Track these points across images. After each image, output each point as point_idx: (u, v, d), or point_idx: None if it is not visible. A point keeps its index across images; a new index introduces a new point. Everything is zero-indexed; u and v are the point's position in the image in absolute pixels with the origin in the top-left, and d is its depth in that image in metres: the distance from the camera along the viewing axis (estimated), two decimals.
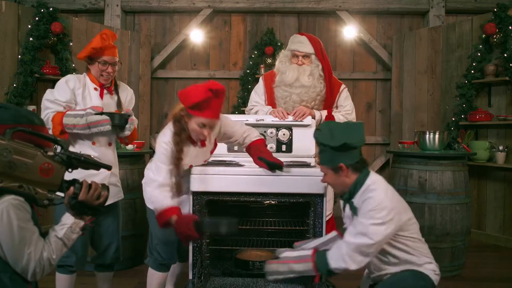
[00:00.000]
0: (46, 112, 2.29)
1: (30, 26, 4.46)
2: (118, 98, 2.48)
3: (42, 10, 4.49)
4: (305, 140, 2.68)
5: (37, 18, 4.47)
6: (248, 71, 5.42)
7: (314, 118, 2.78)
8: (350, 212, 1.96)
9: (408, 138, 5.12)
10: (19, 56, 4.41)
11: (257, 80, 3.16)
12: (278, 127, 2.69)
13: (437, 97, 5.13)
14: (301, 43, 2.83)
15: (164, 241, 2.33)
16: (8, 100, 4.28)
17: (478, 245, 4.39)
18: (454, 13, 5.52)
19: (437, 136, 3.56)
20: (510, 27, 4.29)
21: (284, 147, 2.68)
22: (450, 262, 3.36)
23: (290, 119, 2.71)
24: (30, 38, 4.41)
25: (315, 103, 2.85)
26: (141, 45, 5.51)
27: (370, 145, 5.69)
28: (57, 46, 4.65)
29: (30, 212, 1.42)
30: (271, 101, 2.93)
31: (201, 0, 5.55)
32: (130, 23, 5.79)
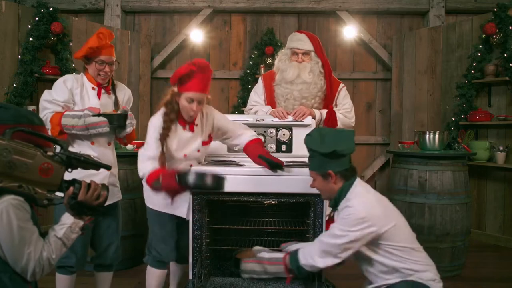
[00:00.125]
0: (44, 112, 2.29)
1: (30, 26, 4.46)
2: (115, 98, 2.47)
3: (42, 10, 4.50)
4: None
5: (37, 18, 4.47)
6: (248, 71, 5.42)
7: (314, 118, 2.79)
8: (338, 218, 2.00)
9: (408, 138, 5.11)
10: (19, 56, 4.41)
11: (257, 80, 3.16)
12: (278, 127, 2.69)
13: (437, 97, 5.13)
14: (300, 41, 2.84)
15: (161, 238, 2.37)
16: (8, 100, 4.28)
17: (478, 245, 4.39)
18: (454, 13, 5.51)
19: (437, 136, 3.57)
20: (510, 27, 4.29)
21: (284, 147, 2.68)
22: (450, 262, 3.36)
23: (290, 119, 2.70)
24: (30, 38, 4.41)
25: (315, 101, 2.85)
26: (141, 45, 5.51)
27: (370, 145, 5.69)
28: (57, 46, 4.65)
29: (29, 212, 1.42)
30: (271, 100, 2.93)
31: (201, 0, 5.55)
32: (130, 23, 5.79)
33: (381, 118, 5.75)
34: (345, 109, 2.92)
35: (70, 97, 2.32)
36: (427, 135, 3.58)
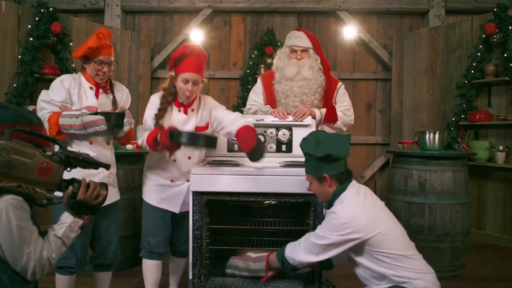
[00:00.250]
0: (42, 113, 2.26)
1: (30, 26, 4.46)
2: (113, 98, 2.47)
3: (42, 10, 4.50)
4: None
5: (37, 18, 4.48)
6: (248, 71, 5.42)
7: (314, 118, 2.79)
8: None
9: (408, 138, 5.11)
10: (19, 56, 4.41)
11: (257, 80, 3.17)
12: (278, 127, 2.69)
13: (437, 97, 5.13)
14: (299, 38, 2.87)
15: (151, 231, 2.51)
16: (8, 100, 4.28)
17: (478, 245, 4.39)
18: (454, 13, 5.52)
19: (437, 136, 3.56)
20: (510, 27, 4.29)
21: (284, 147, 2.68)
22: (450, 262, 3.36)
23: (290, 119, 2.71)
24: (30, 38, 4.41)
25: (315, 97, 2.86)
26: (141, 45, 5.51)
27: (370, 145, 5.69)
28: (57, 46, 4.65)
29: (29, 211, 1.42)
30: (270, 100, 2.94)
31: (201, 0, 5.55)
32: (130, 23, 5.79)
33: (381, 118, 5.75)
34: (344, 106, 2.93)
35: (67, 97, 2.31)
36: (427, 135, 3.58)
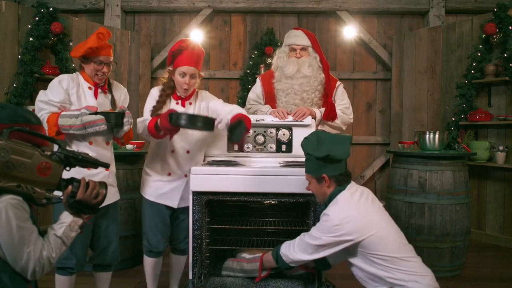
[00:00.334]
0: (40, 113, 2.24)
1: (30, 26, 4.46)
2: (112, 97, 2.46)
3: (42, 10, 4.50)
4: None
5: (37, 18, 4.48)
6: (248, 71, 5.42)
7: (314, 118, 2.79)
8: None
9: (408, 138, 5.12)
10: (19, 56, 4.41)
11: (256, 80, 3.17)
12: (278, 127, 2.69)
13: (437, 97, 5.13)
14: (297, 37, 2.89)
15: (150, 228, 2.57)
16: (8, 100, 4.28)
17: (478, 245, 4.39)
18: (454, 13, 5.51)
19: (437, 136, 3.57)
20: (510, 27, 4.28)
21: (284, 147, 2.68)
22: (450, 262, 3.36)
23: (290, 119, 2.71)
24: (30, 38, 4.41)
25: (315, 95, 2.87)
26: (141, 45, 5.51)
27: (370, 145, 5.69)
28: (57, 46, 4.65)
29: (28, 211, 1.42)
30: (270, 100, 2.94)
31: (201, 0, 5.55)
32: (130, 23, 5.79)
33: (381, 118, 5.75)
34: (343, 104, 2.95)
35: (66, 97, 2.29)
36: (427, 135, 3.58)
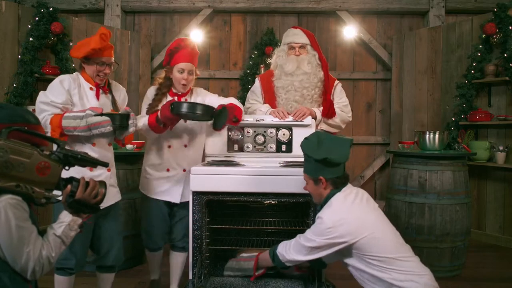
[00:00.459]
0: (42, 115, 2.21)
1: (30, 26, 4.46)
2: (112, 97, 2.46)
3: (42, 10, 4.50)
4: None
5: (37, 18, 4.47)
6: (248, 71, 5.41)
7: (315, 118, 2.79)
8: None
9: (408, 138, 5.11)
10: (19, 56, 4.41)
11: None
12: (278, 127, 2.70)
13: (437, 97, 5.13)
14: (296, 35, 2.92)
15: (150, 226, 2.69)
16: (8, 100, 4.28)
17: (478, 245, 4.39)
18: (454, 13, 5.51)
19: (437, 136, 3.57)
20: (510, 27, 4.28)
21: (284, 147, 2.69)
22: (450, 262, 3.36)
23: (290, 119, 2.71)
24: (30, 38, 4.41)
25: (315, 92, 2.89)
26: (141, 45, 5.51)
27: (370, 145, 5.69)
28: (57, 46, 4.65)
29: (27, 211, 1.42)
30: (269, 99, 2.95)
31: (201, 0, 5.55)
32: (130, 23, 5.79)
33: (381, 118, 5.74)
34: (341, 102, 2.97)
35: (68, 98, 2.27)
36: (427, 135, 3.58)
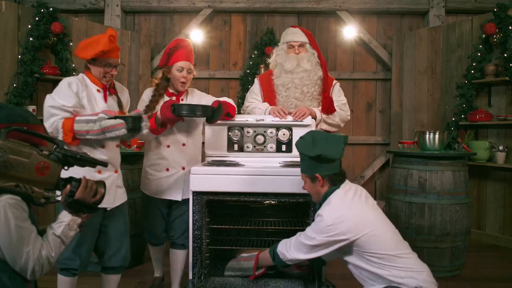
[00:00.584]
0: (53, 119, 2.16)
1: (30, 26, 4.46)
2: (118, 99, 2.44)
3: (42, 10, 4.50)
4: None
5: (37, 18, 4.47)
6: (248, 71, 5.41)
7: (315, 118, 2.79)
8: None
9: (408, 138, 5.11)
10: (19, 56, 4.41)
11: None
12: (278, 127, 2.70)
13: (437, 97, 5.13)
14: (295, 34, 2.97)
15: (152, 224, 2.78)
16: (8, 100, 4.28)
17: (478, 245, 4.39)
18: (454, 13, 5.51)
19: (437, 136, 3.57)
20: (510, 27, 4.28)
21: (284, 147, 2.69)
22: (450, 262, 3.36)
23: (290, 119, 2.71)
24: (30, 38, 4.41)
25: (315, 89, 2.90)
26: (141, 45, 5.51)
27: (370, 145, 5.69)
28: (57, 46, 4.65)
29: (27, 211, 1.42)
30: (269, 97, 2.97)
31: (201, 0, 5.55)
32: (130, 23, 5.79)
33: (381, 118, 5.74)
34: (340, 101, 2.99)
35: (77, 101, 2.22)
36: (427, 135, 3.58)
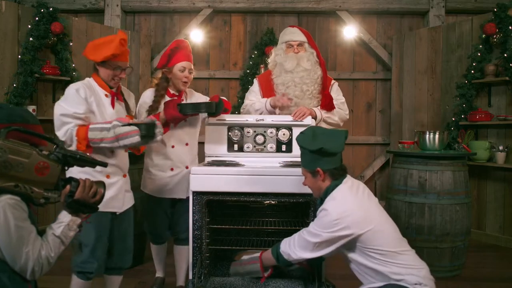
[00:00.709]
0: (66, 128, 2.13)
1: (30, 26, 4.46)
2: (126, 104, 2.43)
3: (42, 10, 4.50)
4: None
5: (37, 18, 4.47)
6: (248, 71, 5.41)
7: (315, 118, 2.80)
8: None
9: (408, 138, 5.11)
10: (19, 56, 4.41)
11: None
12: (278, 127, 2.70)
13: (437, 97, 5.13)
14: (294, 33, 2.97)
15: (155, 223, 2.82)
16: (8, 100, 4.28)
17: (478, 245, 4.39)
18: (454, 13, 5.51)
19: (437, 136, 3.57)
20: (510, 27, 4.28)
21: (284, 147, 2.69)
22: (450, 262, 3.36)
23: (290, 119, 2.71)
24: (30, 38, 4.41)
25: (315, 88, 2.91)
26: (141, 45, 5.51)
27: (370, 145, 5.69)
28: (57, 46, 4.65)
29: (26, 211, 1.42)
30: (268, 96, 2.97)
31: (201, 0, 5.55)
32: (130, 23, 5.79)
33: (381, 118, 5.74)
34: (339, 99, 3.01)
35: (87, 106, 2.20)
36: (427, 135, 3.58)
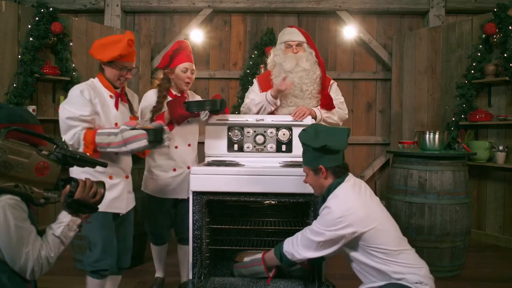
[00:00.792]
0: (73, 131, 2.12)
1: (30, 26, 4.46)
2: (130, 105, 2.43)
3: (42, 10, 4.50)
4: None
5: (37, 18, 4.47)
6: (248, 71, 5.41)
7: (315, 118, 2.80)
8: None
9: (408, 138, 5.11)
10: (19, 56, 4.41)
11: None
12: (278, 127, 2.70)
13: (437, 97, 5.13)
14: (292, 33, 2.97)
15: (157, 224, 2.83)
16: (8, 100, 4.28)
17: (478, 245, 4.39)
18: (454, 13, 5.51)
19: (437, 136, 3.57)
20: (510, 27, 4.28)
21: (284, 147, 2.69)
22: (450, 262, 3.36)
23: (290, 119, 2.71)
24: (30, 38, 4.41)
25: (314, 87, 2.91)
26: (141, 45, 5.51)
27: (370, 145, 5.69)
28: (57, 46, 4.65)
29: (26, 211, 1.42)
30: None
31: (201, 0, 5.55)
32: (130, 23, 5.79)
33: (381, 118, 5.74)
34: (338, 99, 3.01)
35: (92, 108, 2.19)
36: (427, 135, 3.58)
